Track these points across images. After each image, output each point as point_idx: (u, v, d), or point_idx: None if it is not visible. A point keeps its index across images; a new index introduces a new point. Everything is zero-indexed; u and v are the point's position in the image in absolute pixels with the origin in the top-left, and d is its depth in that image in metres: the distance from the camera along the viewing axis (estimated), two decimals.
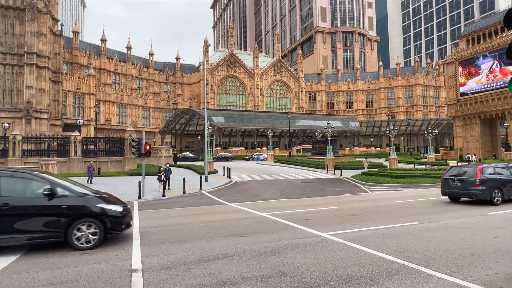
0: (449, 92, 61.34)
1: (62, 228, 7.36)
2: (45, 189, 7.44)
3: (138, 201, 17.64)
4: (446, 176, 14.33)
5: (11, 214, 7.04)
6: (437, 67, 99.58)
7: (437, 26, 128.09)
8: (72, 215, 7.44)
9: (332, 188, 21.47)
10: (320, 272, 5.70)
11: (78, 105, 62.28)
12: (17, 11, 48.46)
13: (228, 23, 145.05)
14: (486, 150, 55.52)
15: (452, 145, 70.71)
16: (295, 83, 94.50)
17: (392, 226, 9.44)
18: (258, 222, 10.47)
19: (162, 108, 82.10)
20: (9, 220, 7.00)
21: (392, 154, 37.20)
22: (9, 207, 7.05)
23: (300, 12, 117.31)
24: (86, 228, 7.53)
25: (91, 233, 7.55)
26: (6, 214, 6.99)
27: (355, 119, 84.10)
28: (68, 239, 7.40)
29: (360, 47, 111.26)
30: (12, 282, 5.64)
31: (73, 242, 7.41)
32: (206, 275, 5.71)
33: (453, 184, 13.76)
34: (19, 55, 48.03)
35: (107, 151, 33.31)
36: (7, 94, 47.93)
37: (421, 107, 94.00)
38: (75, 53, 70.08)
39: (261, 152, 62.73)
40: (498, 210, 11.72)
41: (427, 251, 6.81)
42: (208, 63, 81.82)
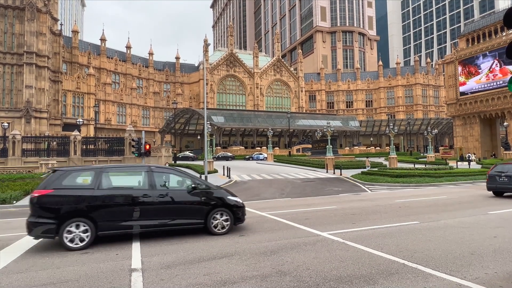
0: (449, 92, 61.36)
1: (203, 216, 8.53)
2: (189, 183, 8.70)
3: None
4: (492, 172, 15.58)
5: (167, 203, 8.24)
6: (437, 66, 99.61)
7: (437, 25, 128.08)
8: (211, 205, 8.64)
9: (332, 188, 21.48)
10: (320, 272, 5.70)
11: (78, 105, 62.26)
12: (17, 10, 48.41)
13: (228, 22, 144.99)
14: (486, 150, 55.56)
15: (452, 145, 70.77)
16: (295, 83, 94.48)
17: (391, 225, 9.44)
18: (257, 222, 10.47)
19: (162, 108, 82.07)
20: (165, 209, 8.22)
21: (392, 153, 37.21)
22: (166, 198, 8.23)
23: (300, 12, 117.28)
24: (220, 216, 8.66)
25: (224, 220, 8.68)
26: (164, 203, 8.19)
27: (355, 119, 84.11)
28: (207, 225, 8.53)
29: (360, 47, 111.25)
30: (12, 282, 5.64)
31: (212, 229, 8.56)
32: (206, 274, 5.71)
33: (499, 180, 15.06)
34: (19, 54, 47.99)
35: (106, 151, 33.29)
36: (7, 93, 47.90)
37: (421, 106, 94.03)
38: (74, 53, 70.03)
39: (261, 151, 62.72)
40: (498, 210, 11.73)
41: (426, 251, 6.81)
42: (208, 62, 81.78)
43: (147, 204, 7.95)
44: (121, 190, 8.11)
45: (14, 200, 16.81)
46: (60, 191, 7.55)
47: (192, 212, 8.51)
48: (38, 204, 7.40)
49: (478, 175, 26.04)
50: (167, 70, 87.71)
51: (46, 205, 7.42)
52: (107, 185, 7.94)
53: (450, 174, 25.25)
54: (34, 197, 7.42)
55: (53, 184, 7.58)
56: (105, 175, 8.03)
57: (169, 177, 8.75)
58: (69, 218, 7.37)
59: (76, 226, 7.40)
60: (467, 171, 27.61)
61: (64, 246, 7.38)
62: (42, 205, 7.40)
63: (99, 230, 7.59)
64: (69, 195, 7.58)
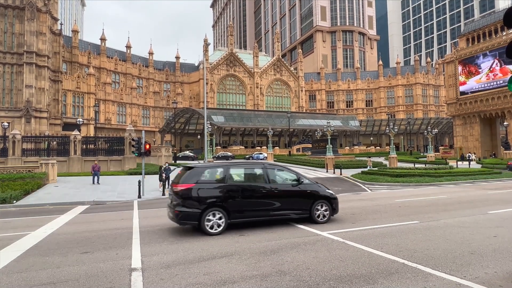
0: (449, 91, 61.32)
1: (308, 207, 9.69)
2: (295, 177, 9.83)
3: (138, 200, 17.64)
4: None
5: (282, 196, 9.38)
6: (437, 66, 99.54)
7: (437, 25, 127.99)
8: (313, 197, 9.78)
9: (332, 187, 21.46)
10: (320, 271, 5.70)
11: (78, 104, 62.24)
12: (17, 10, 48.37)
13: (228, 22, 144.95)
14: (486, 149, 55.55)
15: (452, 144, 70.74)
16: (295, 82, 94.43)
17: (391, 225, 9.44)
18: (257, 221, 10.46)
19: (162, 107, 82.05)
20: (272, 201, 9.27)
21: (392, 153, 37.20)
22: (279, 191, 9.40)
23: (300, 11, 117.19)
24: (320, 207, 9.80)
25: (324, 210, 9.83)
26: (277, 195, 9.33)
27: (355, 118, 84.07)
28: (312, 215, 9.68)
29: (360, 46, 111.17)
30: (12, 281, 5.64)
31: (315, 218, 9.67)
32: (206, 274, 5.71)
33: None
34: (19, 54, 47.96)
35: (106, 150, 33.26)
36: (7, 93, 47.88)
37: (421, 106, 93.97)
38: (74, 52, 69.98)
39: (261, 151, 62.69)
40: (497, 209, 11.73)
41: (426, 250, 6.81)
42: (208, 62, 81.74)
43: (266, 196, 9.22)
44: (244, 184, 9.29)
45: (14, 200, 16.81)
46: (200, 185, 8.75)
47: (299, 203, 9.68)
48: (183, 196, 8.59)
49: (478, 175, 26.04)
50: (167, 69, 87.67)
51: (190, 196, 8.59)
52: (234, 180, 9.25)
53: (450, 174, 25.24)
54: (180, 190, 8.62)
55: (193, 179, 8.78)
56: (232, 171, 9.34)
57: (278, 173, 9.93)
58: (208, 207, 8.59)
59: (213, 214, 8.62)
60: (467, 171, 27.60)
61: (204, 231, 8.52)
62: (187, 197, 8.58)
63: (231, 218, 8.83)
64: (207, 189, 8.79)
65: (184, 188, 8.61)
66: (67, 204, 16.69)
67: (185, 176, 8.87)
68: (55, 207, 15.81)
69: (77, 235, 9.18)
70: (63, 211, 14.22)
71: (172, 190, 8.99)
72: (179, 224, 8.84)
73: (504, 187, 19.89)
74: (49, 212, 14.19)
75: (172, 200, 8.91)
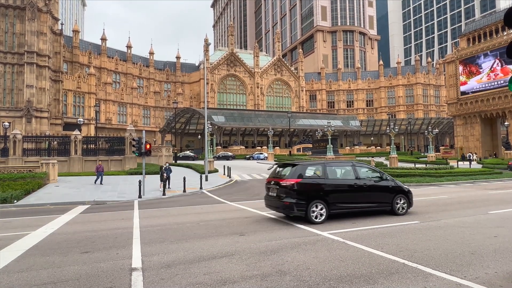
0: (450, 91, 61.26)
1: (389, 200, 10.76)
2: (378, 175, 11.02)
3: (139, 200, 17.66)
4: None
5: (362, 190, 10.39)
6: (438, 66, 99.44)
7: (437, 25, 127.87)
8: (394, 191, 10.85)
9: None
10: (320, 271, 5.70)
11: (79, 104, 62.30)
12: (17, 10, 48.43)
13: (229, 22, 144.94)
14: (487, 149, 55.48)
15: (453, 144, 70.68)
16: (296, 82, 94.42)
17: (392, 225, 9.44)
18: (258, 221, 10.47)
19: (163, 107, 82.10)
20: (362, 195, 10.40)
21: (393, 153, 37.18)
22: (367, 186, 10.47)
23: (300, 11, 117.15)
24: (399, 201, 10.87)
25: (403, 203, 10.90)
26: (366, 190, 10.43)
27: (355, 118, 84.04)
28: (393, 208, 10.76)
29: (360, 46, 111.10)
30: (13, 281, 5.65)
31: (396, 211, 10.76)
32: (206, 273, 5.72)
33: None
34: (20, 54, 48.02)
35: (107, 150, 33.28)
36: (8, 93, 47.94)
37: (422, 106, 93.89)
38: (75, 52, 70.05)
39: (262, 151, 62.72)
40: (498, 209, 11.72)
41: (426, 250, 6.81)
42: (209, 62, 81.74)
43: (357, 191, 10.29)
44: (340, 180, 10.39)
45: (15, 200, 16.84)
46: (305, 180, 9.83)
47: (383, 197, 10.76)
48: (292, 189, 9.62)
49: (479, 175, 26.00)
50: (167, 69, 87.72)
51: (298, 190, 9.61)
52: (331, 176, 10.29)
53: (451, 174, 25.20)
54: (290, 184, 9.65)
55: (299, 175, 9.84)
56: (328, 168, 10.39)
57: (364, 170, 11.02)
58: (312, 199, 9.67)
59: (316, 206, 9.70)
60: (467, 171, 27.57)
61: (310, 221, 9.56)
62: (295, 190, 9.59)
63: (330, 209, 9.86)
64: (311, 183, 9.88)
65: (293, 182, 9.67)
66: (68, 204, 16.71)
67: (291, 173, 9.97)
68: (56, 207, 15.83)
69: (78, 235, 9.19)
70: (64, 211, 14.24)
71: (279, 184, 9.94)
72: (288, 214, 9.98)
73: (504, 187, 19.86)
74: (50, 212, 14.20)
75: (278, 193, 9.98)
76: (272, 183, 10.38)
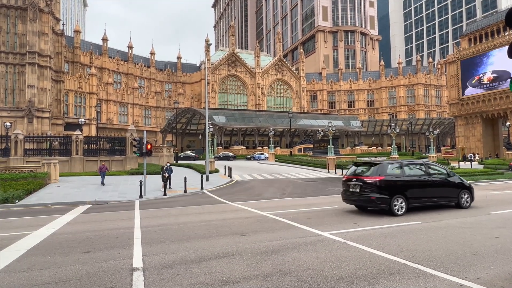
0: (451, 92, 61.15)
1: (455, 195, 11.93)
2: (444, 172, 12.16)
3: (140, 200, 17.68)
4: None
5: (433, 186, 11.54)
6: (439, 66, 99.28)
7: (439, 25, 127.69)
8: (459, 187, 12.07)
9: (333, 188, 21.45)
10: (321, 271, 5.70)
11: (80, 104, 62.41)
12: (19, 10, 48.55)
13: (230, 22, 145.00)
14: (488, 150, 55.37)
15: (454, 145, 70.55)
16: (297, 82, 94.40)
17: (393, 225, 9.43)
18: (259, 221, 10.48)
19: (164, 107, 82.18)
20: (433, 190, 11.57)
21: (394, 153, 37.12)
22: (437, 182, 11.67)
23: (301, 11, 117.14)
24: (463, 195, 12.05)
25: (466, 197, 12.11)
26: (436, 185, 11.60)
27: (356, 119, 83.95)
28: (459, 202, 11.91)
29: (361, 46, 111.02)
30: (14, 281, 5.66)
31: (462, 204, 11.92)
32: (207, 274, 5.72)
33: None
34: (21, 54, 48.13)
35: (108, 150, 33.31)
36: (9, 93, 48.05)
37: (423, 106, 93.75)
38: (76, 53, 70.19)
39: (262, 151, 62.71)
40: (499, 210, 11.69)
41: (428, 251, 6.80)
42: (209, 62, 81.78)
43: (428, 186, 11.45)
44: (414, 177, 11.46)
45: (17, 199, 16.88)
46: (387, 177, 10.92)
47: (450, 192, 11.93)
48: (377, 185, 10.72)
49: (480, 175, 25.94)
50: (168, 69, 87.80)
51: (382, 186, 10.70)
52: (407, 174, 11.35)
53: None
54: (375, 181, 10.74)
55: (382, 173, 10.98)
56: (405, 167, 11.55)
57: (434, 168, 12.14)
58: (394, 194, 10.73)
59: (397, 200, 10.73)
60: (469, 171, 27.50)
61: (393, 213, 10.60)
62: (380, 186, 10.71)
63: (409, 203, 10.90)
64: (392, 180, 10.97)
65: (378, 179, 10.78)
66: (69, 204, 16.74)
67: (374, 171, 11.15)
68: (57, 207, 15.86)
69: (79, 235, 9.21)
70: (65, 211, 14.27)
71: (363, 181, 11.05)
72: (374, 207, 11.15)
73: (506, 188, 19.82)
74: (51, 211, 14.23)
75: (362, 189, 11.04)
76: (354, 180, 11.39)
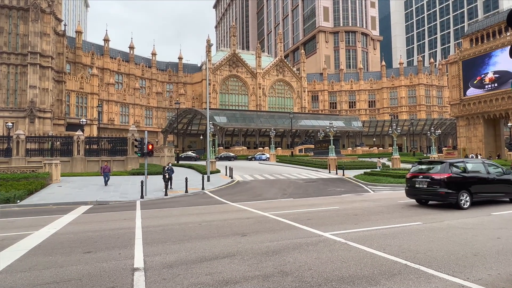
0: (453, 92, 61.02)
1: (510, 191, 13.25)
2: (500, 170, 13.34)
3: (141, 200, 17.70)
4: None
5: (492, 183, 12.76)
6: (440, 66, 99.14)
7: (440, 25, 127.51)
8: None
9: (334, 188, 21.43)
10: (322, 272, 5.69)
11: (81, 105, 62.53)
12: (21, 11, 48.69)
13: (231, 22, 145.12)
14: (490, 150, 55.21)
15: (455, 145, 70.39)
16: (298, 83, 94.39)
17: (394, 226, 9.41)
18: (260, 222, 10.48)
19: (165, 108, 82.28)
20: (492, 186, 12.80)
21: (395, 154, 37.06)
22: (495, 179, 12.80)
23: (302, 12, 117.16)
24: None
25: None
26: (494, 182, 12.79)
27: (357, 119, 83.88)
28: None
29: (362, 47, 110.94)
30: (16, 280, 5.68)
31: None
32: (208, 274, 5.72)
33: None
34: (23, 55, 48.26)
35: (109, 151, 33.38)
36: (11, 93, 48.19)
37: (424, 107, 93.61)
38: (78, 53, 70.36)
39: (263, 151, 62.71)
40: (501, 211, 11.66)
41: (429, 251, 6.78)
42: (211, 62, 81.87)
43: (488, 183, 12.62)
44: (476, 173, 12.60)
45: (18, 200, 16.92)
46: (454, 174, 12.11)
47: (506, 188, 13.03)
48: (445, 181, 11.89)
49: None
50: (170, 70, 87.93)
51: (450, 182, 11.90)
52: (470, 171, 12.51)
53: None
54: (444, 178, 11.92)
55: (448, 170, 12.14)
56: (467, 165, 12.66)
57: (491, 167, 13.08)
58: (460, 190, 11.91)
59: (462, 195, 11.91)
60: None
61: (460, 207, 11.80)
62: (448, 182, 11.86)
63: (473, 198, 12.11)
64: (458, 177, 12.13)
65: (446, 176, 11.96)
66: (70, 204, 16.77)
67: (442, 169, 12.32)
68: (58, 207, 15.90)
69: (80, 235, 9.22)
70: (66, 211, 14.30)
71: (431, 178, 12.20)
72: (443, 201, 12.30)
73: None
74: (52, 212, 14.26)
75: (430, 185, 12.21)
76: (421, 177, 12.60)
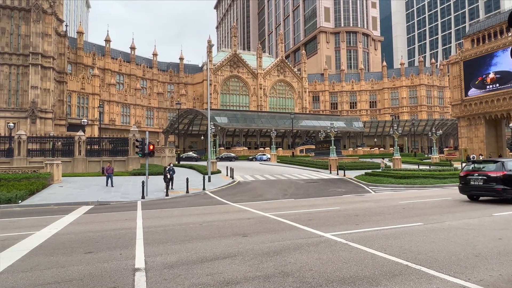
0: (454, 92, 60.94)
1: None
2: None
3: (142, 200, 17.72)
4: None
5: None
6: (442, 67, 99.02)
7: (441, 26, 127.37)
8: None
9: (335, 189, 21.41)
10: (323, 272, 5.69)
11: (83, 105, 62.65)
12: (23, 12, 48.82)
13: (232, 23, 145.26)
14: (491, 151, 55.08)
15: (457, 146, 70.28)
16: (299, 83, 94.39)
17: (395, 226, 9.40)
18: (260, 222, 10.47)
19: (166, 108, 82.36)
20: None
21: (396, 154, 37.03)
22: None
23: (303, 12, 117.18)
24: None
25: None
26: None
27: (358, 120, 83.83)
28: None
29: (363, 47, 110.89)
30: (17, 280, 5.69)
31: None
32: (209, 274, 5.72)
33: None
34: (24, 55, 48.38)
35: (111, 151, 33.44)
36: (13, 94, 48.31)
37: (425, 107, 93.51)
38: (79, 54, 70.53)
39: (264, 152, 62.71)
40: (502, 212, 11.63)
41: (430, 252, 6.77)
42: (212, 63, 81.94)
43: None
44: None
45: (20, 200, 16.95)
46: (509, 172, 12.88)
47: None
48: (501, 178, 12.84)
49: None
50: (171, 70, 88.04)
51: (506, 179, 12.78)
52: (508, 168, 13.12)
53: (455, 176, 25.02)
54: (501, 175, 12.85)
55: (503, 169, 13.02)
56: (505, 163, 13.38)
57: None
58: None
59: None
60: None
61: None
62: (504, 180, 12.78)
63: None
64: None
65: (502, 174, 12.88)
66: (72, 204, 16.80)
67: (497, 167, 13.22)
68: (60, 207, 15.93)
69: (81, 235, 9.24)
70: (68, 211, 14.32)
71: (487, 175, 13.14)
72: (498, 197, 13.23)
73: None
74: (54, 212, 14.29)
75: (486, 182, 13.16)
76: (476, 175, 13.58)
